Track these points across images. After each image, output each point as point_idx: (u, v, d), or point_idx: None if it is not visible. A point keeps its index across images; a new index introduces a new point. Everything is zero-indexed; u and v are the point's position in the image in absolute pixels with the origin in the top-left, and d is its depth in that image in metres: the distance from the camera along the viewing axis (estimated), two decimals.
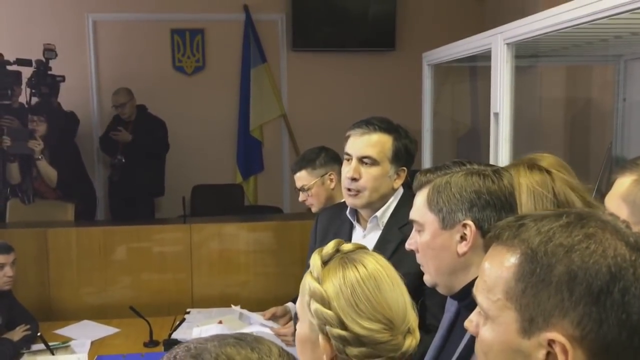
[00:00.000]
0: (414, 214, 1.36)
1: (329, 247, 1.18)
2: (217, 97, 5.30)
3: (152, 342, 2.79)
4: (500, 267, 0.83)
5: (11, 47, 4.20)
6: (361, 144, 1.99)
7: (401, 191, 2.06)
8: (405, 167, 2.03)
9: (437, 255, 1.31)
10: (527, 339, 0.79)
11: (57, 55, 4.00)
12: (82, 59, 5.12)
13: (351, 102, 5.10)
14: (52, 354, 2.66)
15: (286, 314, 2.67)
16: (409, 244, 1.38)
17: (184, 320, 3.04)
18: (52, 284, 3.24)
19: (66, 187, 4.01)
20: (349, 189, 2.01)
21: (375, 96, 5.16)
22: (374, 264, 1.15)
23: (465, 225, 1.27)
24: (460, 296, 1.32)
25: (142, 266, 3.30)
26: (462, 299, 1.32)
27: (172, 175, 5.00)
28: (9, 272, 2.76)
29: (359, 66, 5.33)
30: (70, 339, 2.83)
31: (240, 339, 0.78)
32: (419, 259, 1.36)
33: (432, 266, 1.33)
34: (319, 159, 2.60)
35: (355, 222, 2.11)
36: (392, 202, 2.04)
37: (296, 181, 2.66)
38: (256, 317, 2.71)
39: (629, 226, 0.82)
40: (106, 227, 3.61)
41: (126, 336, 2.91)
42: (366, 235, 2.06)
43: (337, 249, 1.18)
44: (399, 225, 1.98)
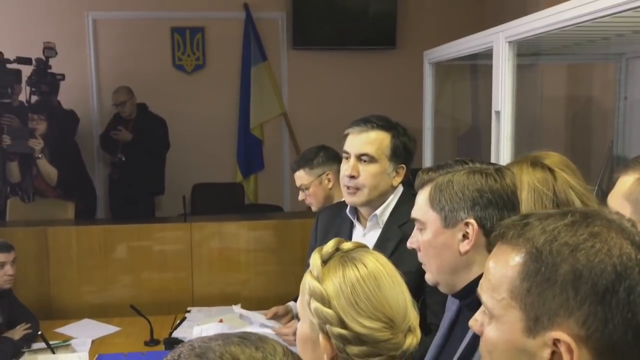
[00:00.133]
0: (415, 213, 1.36)
1: (329, 246, 1.18)
2: (218, 96, 5.29)
3: (152, 341, 2.79)
4: (505, 266, 0.83)
5: (11, 46, 4.18)
6: (359, 141, 1.99)
7: (401, 189, 2.06)
8: (404, 165, 2.03)
9: (438, 253, 1.31)
10: (532, 338, 0.79)
11: (57, 53, 3.99)
12: (82, 57, 5.11)
13: (352, 101, 5.08)
14: (53, 353, 2.66)
15: (288, 313, 2.67)
16: (411, 243, 1.38)
17: (184, 319, 3.04)
18: (53, 283, 3.24)
19: (66, 185, 4.00)
20: (348, 187, 2.01)
21: (376, 94, 5.15)
22: (374, 262, 1.14)
23: (467, 223, 1.26)
24: (461, 295, 1.32)
25: (143, 265, 3.30)
26: (463, 298, 1.32)
27: (173, 173, 4.99)
28: (10, 271, 2.76)
29: (360, 64, 5.32)
30: (70, 338, 2.83)
31: (244, 338, 0.78)
32: (421, 257, 1.36)
33: (433, 265, 1.33)
34: (317, 159, 2.60)
35: (355, 221, 2.10)
36: (392, 200, 2.04)
37: (296, 180, 2.67)
38: (257, 317, 2.71)
39: (634, 225, 0.82)
40: (106, 225, 3.60)
41: (127, 335, 2.91)
42: (366, 233, 2.06)
43: (337, 247, 1.18)
44: (399, 223, 1.98)
